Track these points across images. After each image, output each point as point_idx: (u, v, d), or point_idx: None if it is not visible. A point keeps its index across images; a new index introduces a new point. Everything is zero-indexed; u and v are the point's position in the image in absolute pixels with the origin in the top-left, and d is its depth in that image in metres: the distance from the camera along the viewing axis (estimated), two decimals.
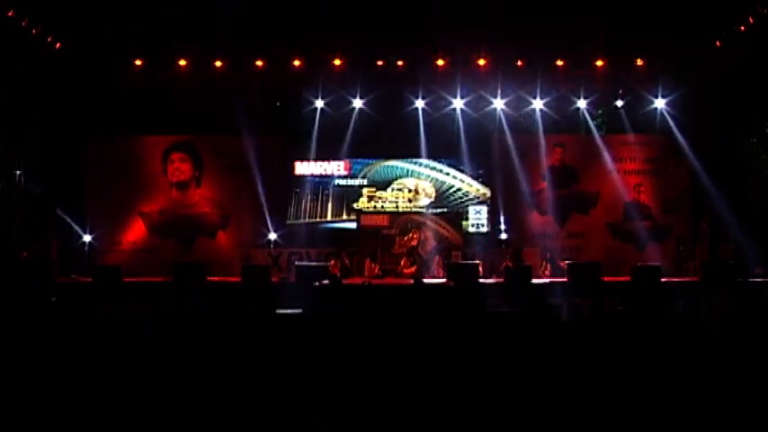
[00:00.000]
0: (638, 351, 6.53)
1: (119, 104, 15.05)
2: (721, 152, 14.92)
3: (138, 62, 14.51)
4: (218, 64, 14.59)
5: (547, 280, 13.44)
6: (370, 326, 7.66)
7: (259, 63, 14.58)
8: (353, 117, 15.33)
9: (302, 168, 15.77)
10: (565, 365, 6.14)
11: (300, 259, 14.40)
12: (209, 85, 15.03)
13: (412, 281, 12.76)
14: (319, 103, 15.30)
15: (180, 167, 15.65)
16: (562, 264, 13.89)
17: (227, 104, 15.20)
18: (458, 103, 15.28)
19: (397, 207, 15.64)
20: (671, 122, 15.28)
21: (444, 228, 15.20)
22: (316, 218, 15.80)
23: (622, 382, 5.70)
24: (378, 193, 15.77)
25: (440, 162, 15.81)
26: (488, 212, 15.66)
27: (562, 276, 13.25)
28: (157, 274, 13.42)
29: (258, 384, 5.79)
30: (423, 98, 15.25)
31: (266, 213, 15.22)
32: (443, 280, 13.26)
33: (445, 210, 15.65)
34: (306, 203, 15.78)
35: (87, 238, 15.09)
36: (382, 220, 15.14)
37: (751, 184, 14.39)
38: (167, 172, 15.66)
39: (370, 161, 15.84)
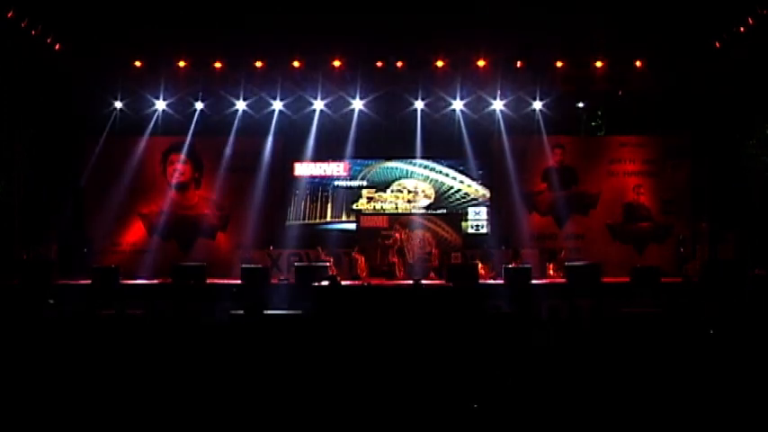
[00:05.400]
0: (638, 351, 6.52)
1: (118, 105, 15.07)
2: (721, 153, 14.92)
3: (137, 62, 14.50)
4: (218, 65, 14.58)
5: (546, 281, 13.44)
6: (369, 326, 7.66)
7: (258, 64, 14.57)
8: (353, 118, 15.33)
9: (301, 169, 15.75)
10: (563, 366, 6.15)
11: (300, 260, 14.39)
12: (210, 86, 15.04)
13: (411, 281, 12.76)
14: (319, 104, 15.29)
15: (180, 168, 15.63)
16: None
17: (227, 105, 15.26)
18: (457, 105, 15.26)
19: (396, 208, 15.63)
20: (670, 124, 15.28)
21: (444, 229, 15.19)
22: (315, 219, 15.79)
23: (622, 382, 5.70)
24: (377, 195, 15.76)
25: (439, 163, 15.80)
26: (488, 213, 15.66)
27: (562, 278, 13.24)
28: (157, 275, 13.40)
29: (258, 385, 5.79)
30: (422, 99, 15.22)
31: (266, 215, 15.23)
32: (441, 281, 13.25)
33: (445, 211, 15.64)
34: (305, 205, 15.77)
35: (87, 239, 15.06)
36: (382, 222, 15.13)
37: (751, 185, 14.37)
38: (167, 173, 15.65)
39: (370, 162, 15.83)
